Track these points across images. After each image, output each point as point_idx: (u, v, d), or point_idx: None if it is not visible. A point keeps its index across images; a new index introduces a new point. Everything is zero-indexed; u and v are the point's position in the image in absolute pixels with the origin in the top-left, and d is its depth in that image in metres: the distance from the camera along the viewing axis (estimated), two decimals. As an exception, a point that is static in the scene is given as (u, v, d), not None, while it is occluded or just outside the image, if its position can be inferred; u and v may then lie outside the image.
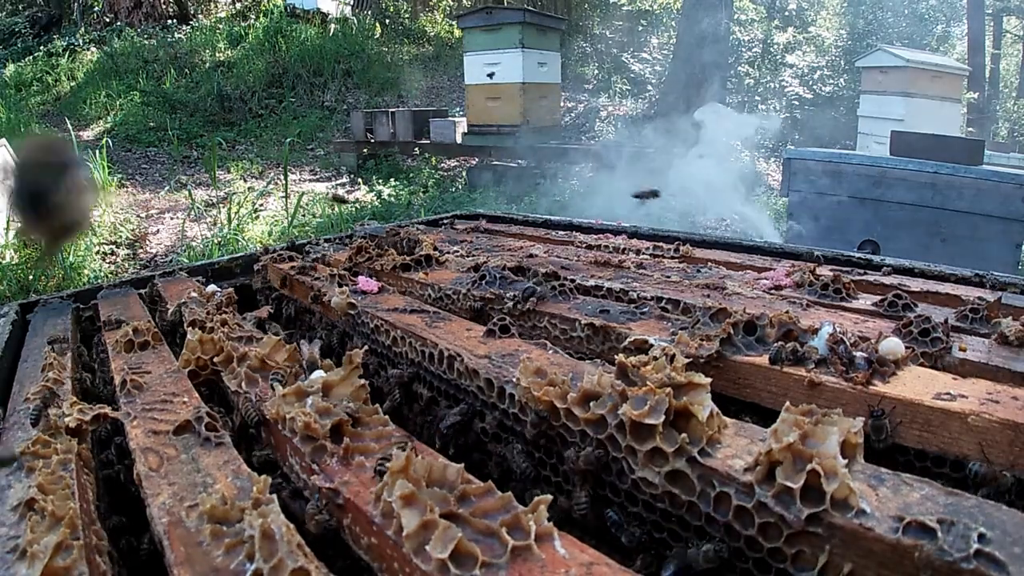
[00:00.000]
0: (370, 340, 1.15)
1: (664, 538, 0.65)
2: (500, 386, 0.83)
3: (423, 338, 1.00)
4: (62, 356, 1.10)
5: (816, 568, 0.53)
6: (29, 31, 12.10)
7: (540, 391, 0.73)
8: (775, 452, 0.55)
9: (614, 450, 0.67)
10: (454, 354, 0.92)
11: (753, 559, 0.57)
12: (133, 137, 8.40)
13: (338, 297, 1.20)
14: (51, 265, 1.00)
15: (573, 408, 0.71)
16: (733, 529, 0.58)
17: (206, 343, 1.02)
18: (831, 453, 0.53)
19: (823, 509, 0.52)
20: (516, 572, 0.51)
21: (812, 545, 0.53)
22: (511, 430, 0.83)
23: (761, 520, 0.55)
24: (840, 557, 0.51)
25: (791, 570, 0.54)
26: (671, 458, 0.62)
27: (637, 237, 1.78)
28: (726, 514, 0.58)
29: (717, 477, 0.59)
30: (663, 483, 0.63)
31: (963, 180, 3.76)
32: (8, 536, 0.61)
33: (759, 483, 0.56)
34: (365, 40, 11.25)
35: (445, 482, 0.60)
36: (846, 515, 0.51)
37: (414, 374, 1.03)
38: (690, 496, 0.61)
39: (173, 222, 5.43)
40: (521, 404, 0.79)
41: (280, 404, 0.78)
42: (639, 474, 0.64)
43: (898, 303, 1.01)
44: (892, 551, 0.48)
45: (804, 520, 0.52)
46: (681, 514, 0.63)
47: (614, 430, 0.67)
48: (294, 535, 0.57)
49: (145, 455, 0.76)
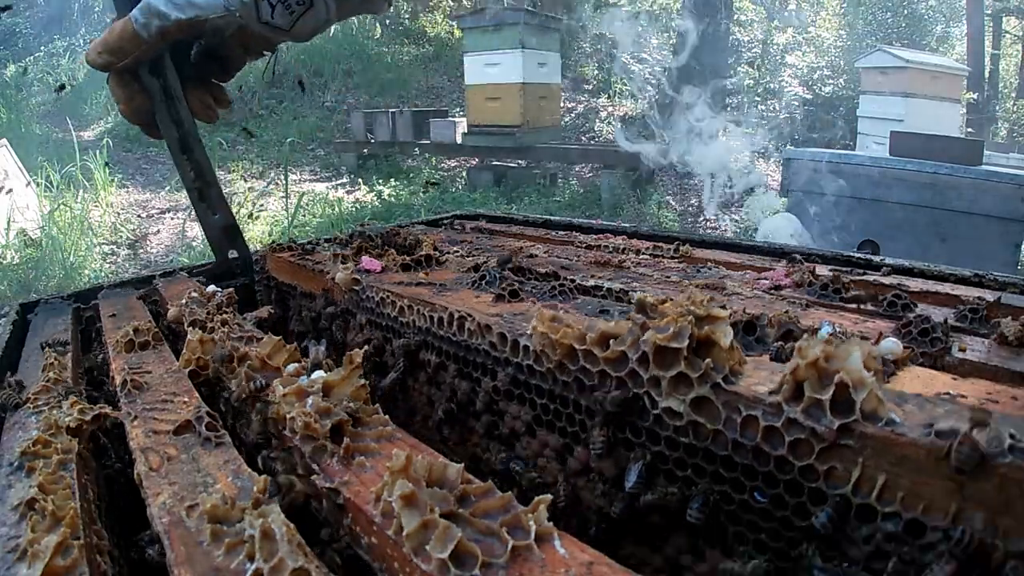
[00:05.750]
0: (374, 314, 1.15)
1: (689, 476, 0.64)
2: (514, 339, 0.81)
3: (431, 303, 0.99)
4: (62, 357, 1.10)
5: (850, 483, 0.52)
6: (30, 31, 12.10)
7: (558, 333, 0.72)
8: (801, 369, 0.54)
9: (635, 385, 0.66)
10: (464, 314, 0.91)
11: (784, 482, 0.56)
12: (133, 137, 8.40)
13: (342, 273, 1.20)
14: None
15: (592, 348, 0.69)
16: (762, 452, 0.57)
17: (207, 343, 1.02)
18: (856, 367, 0.53)
19: (853, 419, 0.51)
20: (516, 572, 0.51)
21: (844, 459, 0.52)
22: (525, 384, 0.82)
23: (791, 438, 0.55)
24: (873, 469, 0.51)
25: (824, 488, 0.53)
26: (696, 384, 0.61)
27: (637, 237, 1.78)
28: (754, 438, 0.57)
29: (743, 401, 0.58)
30: (688, 412, 0.62)
31: (962, 180, 3.77)
32: (8, 536, 0.61)
33: (787, 402, 0.55)
34: (365, 41, 11.26)
35: (445, 482, 0.60)
36: (877, 424, 0.51)
37: (421, 342, 1.02)
38: (715, 424, 0.60)
39: (173, 222, 5.43)
40: (537, 353, 0.77)
41: (280, 404, 0.79)
42: (663, 405, 0.63)
43: (897, 303, 1.01)
44: (926, 456, 0.48)
45: (836, 430, 0.51)
46: (706, 446, 0.62)
47: (636, 364, 0.65)
48: (294, 535, 0.57)
49: (145, 455, 0.76)
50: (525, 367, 0.82)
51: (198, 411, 0.84)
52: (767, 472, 0.58)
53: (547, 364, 0.77)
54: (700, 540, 0.67)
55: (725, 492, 0.63)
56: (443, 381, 1.00)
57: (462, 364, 0.96)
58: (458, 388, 0.97)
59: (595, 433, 0.71)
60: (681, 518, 0.66)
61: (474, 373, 0.94)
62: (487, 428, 0.92)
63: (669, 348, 0.63)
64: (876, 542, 0.52)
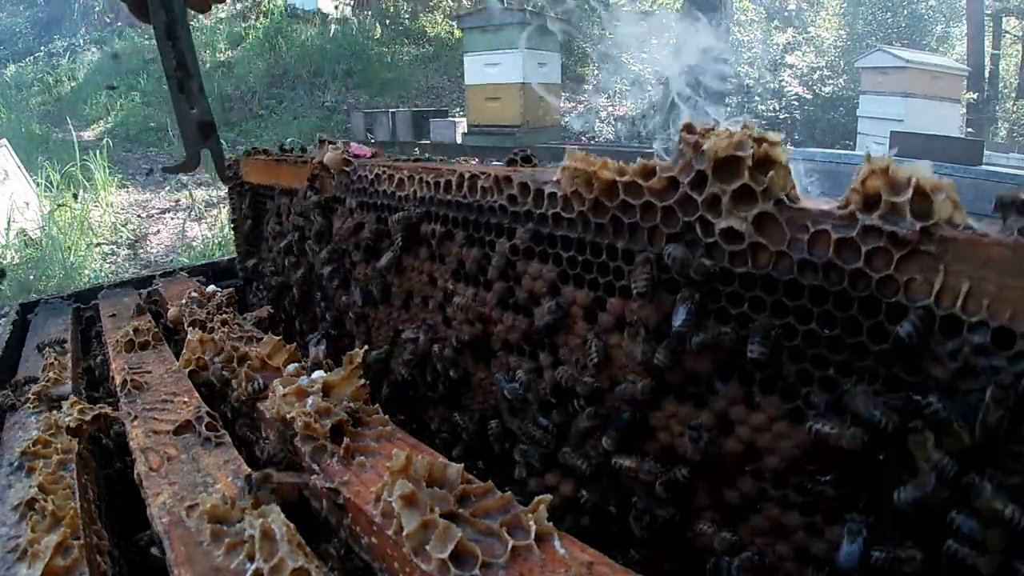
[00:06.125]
0: (366, 194, 1.09)
1: (744, 312, 0.60)
2: (538, 188, 0.76)
3: (437, 169, 0.93)
4: (63, 357, 1.10)
5: (932, 294, 0.49)
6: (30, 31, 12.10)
7: (596, 166, 0.67)
8: (872, 177, 0.51)
9: (685, 214, 0.62)
10: (477, 173, 0.85)
11: (859, 300, 0.53)
12: (134, 137, 8.40)
13: (331, 153, 1.14)
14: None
15: (636, 179, 0.65)
16: (834, 268, 0.54)
17: (207, 343, 1.02)
18: (929, 172, 0.50)
19: (934, 223, 0.48)
20: (516, 572, 0.51)
21: (925, 267, 0.49)
22: (548, 238, 0.77)
23: (868, 247, 0.51)
24: (956, 276, 0.48)
25: (904, 301, 0.50)
26: (760, 198, 0.57)
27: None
28: (824, 254, 0.54)
29: (811, 216, 0.55)
30: (750, 232, 0.58)
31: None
32: (9, 536, 0.61)
33: (860, 211, 0.52)
34: (365, 40, 11.26)
35: (445, 482, 0.60)
36: (957, 229, 0.48)
37: (423, 213, 0.95)
38: (779, 245, 0.57)
39: (173, 222, 5.43)
40: (565, 198, 0.72)
41: (280, 404, 0.78)
42: (722, 225, 0.59)
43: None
44: (1013, 254, 0.45)
45: (919, 231, 0.48)
46: (766, 273, 0.58)
47: (689, 187, 0.61)
48: (294, 535, 0.57)
49: (145, 455, 0.76)
50: (550, 217, 0.76)
51: (198, 411, 0.84)
52: (839, 292, 0.54)
53: (578, 208, 0.71)
54: (755, 387, 0.62)
55: (788, 325, 0.58)
56: (448, 252, 0.94)
57: (472, 229, 0.89)
58: (467, 257, 0.90)
59: (637, 272, 0.65)
60: (732, 365, 0.62)
61: (486, 237, 0.87)
62: (501, 297, 0.85)
63: (732, 158, 0.58)
64: (963, 356, 0.48)
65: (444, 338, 0.96)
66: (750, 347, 0.57)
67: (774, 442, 0.60)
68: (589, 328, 0.75)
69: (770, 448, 0.60)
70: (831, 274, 0.54)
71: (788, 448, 0.59)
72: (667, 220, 0.64)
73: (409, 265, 1.02)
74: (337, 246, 1.18)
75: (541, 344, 0.81)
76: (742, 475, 0.63)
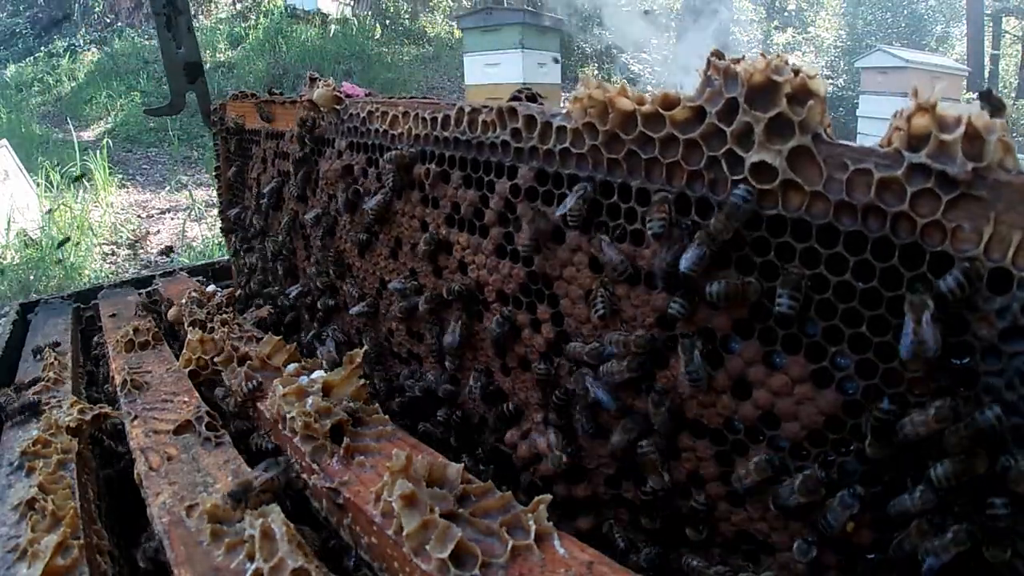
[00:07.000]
0: (357, 133, 1.03)
1: (770, 260, 0.55)
2: (546, 120, 0.70)
3: (435, 104, 0.87)
4: (62, 357, 1.10)
5: (981, 244, 0.45)
6: (30, 32, 12.10)
7: (612, 94, 0.62)
8: (919, 114, 0.46)
9: (711, 148, 0.56)
10: (478, 107, 0.79)
11: (901, 248, 0.48)
12: (134, 137, 8.40)
13: (322, 90, 1.08)
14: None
15: (658, 108, 0.59)
16: (875, 211, 0.49)
17: (207, 343, 1.02)
18: (981, 113, 0.45)
19: (985, 165, 0.44)
20: (516, 571, 0.51)
21: (973, 215, 0.45)
22: (555, 177, 0.71)
23: (914, 189, 0.47)
24: (1007, 226, 0.43)
25: (951, 251, 0.46)
26: (797, 130, 0.51)
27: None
28: (865, 195, 0.49)
29: (851, 154, 0.49)
30: (784, 167, 0.52)
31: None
32: (9, 536, 0.61)
33: (906, 149, 0.47)
34: (365, 41, 11.25)
35: (445, 482, 0.60)
36: (1011, 173, 0.43)
37: (417, 152, 0.90)
38: (815, 186, 0.51)
39: (173, 222, 5.43)
40: (576, 131, 0.67)
41: (280, 403, 0.78)
42: (753, 159, 0.53)
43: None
44: None
45: (971, 172, 0.44)
46: (799, 216, 0.53)
47: (717, 117, 0.55)
48: (294, 535, 0.57)
49: (145, 455, 0.76)
50: (558, 154, 0.70)
51: (198, 411, 0.84)
52: (879, 239, 0.49)
53: (590, 142, 0.66)
54: (777, 347, 0.56)
55: (819, 276, 0.53)
56: (443, 195, 0.87)
57: (470, 169, 0.83)
58: (462, 200, 0.84)
59: (653, 211, 0.60)
60: (754, 320, 0.56)
61: (485, 177, 0.81)
62: (497, 245, 0.80)
63: (768, 84, 0.52)
64: (1012, 314, 0.44)
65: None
66: (778, 300, 0.52)
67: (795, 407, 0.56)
68: (594, 278, 0.69)
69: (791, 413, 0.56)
70: (871, 218, 0.49)
71: (811, 414, 0.55)
72: (689, 155, 0.59)
73: (399, 210, 0.96)
74: (324, 191, 1.11)
75: (540, 295, 0.76)
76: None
